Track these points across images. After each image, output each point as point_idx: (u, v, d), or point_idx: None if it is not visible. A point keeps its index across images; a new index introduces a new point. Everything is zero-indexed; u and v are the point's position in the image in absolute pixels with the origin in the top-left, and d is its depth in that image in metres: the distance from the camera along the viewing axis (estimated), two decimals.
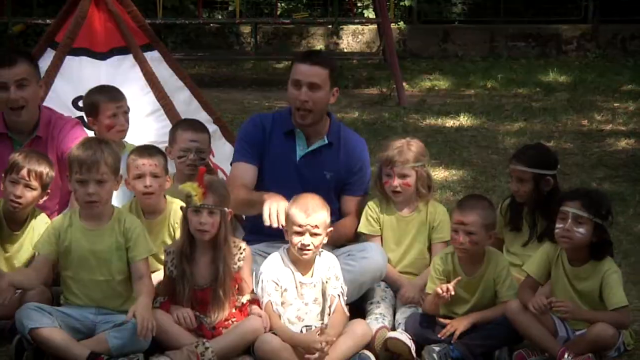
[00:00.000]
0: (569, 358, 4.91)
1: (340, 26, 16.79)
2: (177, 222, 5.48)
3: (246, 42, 17.26)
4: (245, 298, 5.21)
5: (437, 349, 5.08)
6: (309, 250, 5.09)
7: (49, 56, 6.79)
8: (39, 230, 5.52)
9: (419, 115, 11.74)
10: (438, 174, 8.79)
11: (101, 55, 6.83)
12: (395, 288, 5.64)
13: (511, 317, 5.06)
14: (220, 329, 5.11)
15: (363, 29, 17.36)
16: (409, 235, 5.77)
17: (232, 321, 5.14)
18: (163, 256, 5.27)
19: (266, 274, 5.14)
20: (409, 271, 5.75)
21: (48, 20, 12.99)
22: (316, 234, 5.09)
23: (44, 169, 5.49)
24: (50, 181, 5.54)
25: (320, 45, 17.25)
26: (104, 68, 6.82)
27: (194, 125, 6.12)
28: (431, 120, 11.44)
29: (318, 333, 4.97)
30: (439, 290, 5.11)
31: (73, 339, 4.95)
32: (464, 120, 11.34)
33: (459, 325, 5.14)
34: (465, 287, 5.27)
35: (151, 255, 5.53)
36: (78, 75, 6.76)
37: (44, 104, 6.44)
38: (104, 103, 6.12)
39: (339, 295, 5.15)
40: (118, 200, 5.67)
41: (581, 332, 5.05)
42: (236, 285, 5.18)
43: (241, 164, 5.84)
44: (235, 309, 5.17)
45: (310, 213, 5.09)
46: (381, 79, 14.43)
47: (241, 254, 5.21)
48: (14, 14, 14.23)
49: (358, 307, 5.51)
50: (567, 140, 10.30)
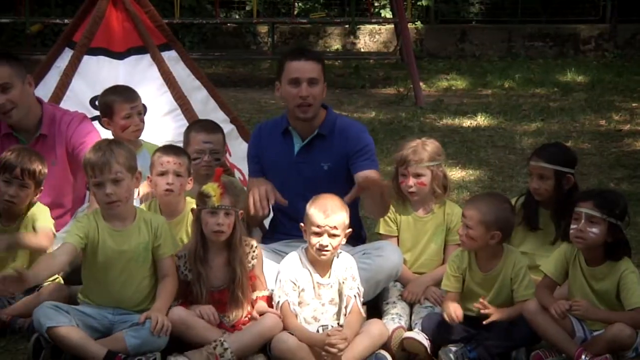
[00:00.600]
0: (587, 358, 4.89)
1: (358, 26, 16.78)
2: None
3: (263, 42, 17.28)
4: (255, 294, 5.22)
5: (454, 349, 5.08)
6: (327, 251, 5.08)
7: (66, 56, 6.81)
8: (35, 217, 5.56)
9: (436, 115, 11.73)
10: (455, 174, 8.78)
11: (119, 55, 6.85)
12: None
13: (529, 318, 5.05)
14: (240, 326, 5.12)
15: (380, 29, 17.35)
16: (425, 236, 5.77)
17: (249, 318, 5.15)
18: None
19: (284, 273, 5.14)
20: (424, 272, 5.74)
21: (66, 20, 13.04)
22: (335, 235, 5.08)
23: (37, 167, 5.52)
24: (44, 178, 5.57)
25: (338, 45, 17.25)
26: (122, 68, 6.84)
27: (207, 127, 6.11)
28: (448, 120, 11.43)
29: (330, 334, 4.96)
30: (447, 317, 5.10)
31: (90, 337, 4.96)
32: (481, 120, 11.32)
33: (496, 314, 5.09)
34: (481, 284, 5.26)
35: None
36: (96, 74, 6.78)
37: (62, 103, 6.47)
38: (118, 104, 6.13)
39: (355, 296, 5.14)
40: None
41: (598, 333, 5.03)
42: (251, 284, 5.19)
43: (251, 179, 5.91)
44: (251, 307, 5.18)
45: (329, 214, 5.08)
46: (398, 78, 14.42)
47: (253, 252, 5.22)
48: (31, 14, 14.28)
49: (375, 307, 5.51)
50: (585, 141, 10.26)
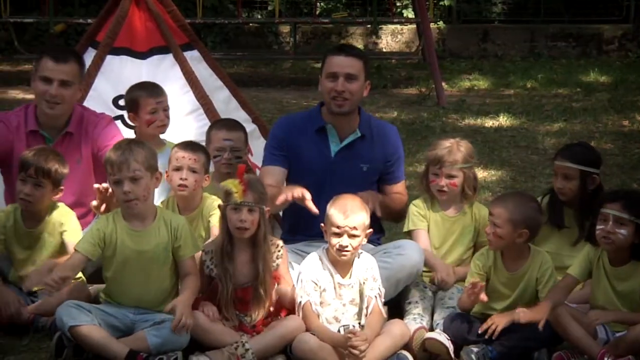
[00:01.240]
0: None
1: (380, 26, 16.79)
2: (212, 214, 5.55)
3: (285, 42, 17.30)
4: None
5: (476, 349, 5.06)
6: (347, 251, 5.08)
7: (90, 55, 6.83)
8: (60, 220, 5.57)
9: (458, 115, 11.71)
10: (477, 174, 8.74)
11: (141, 55, 6.87)
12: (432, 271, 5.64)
13: (551, 318, 5.02)
14: (261, 326, 5.13)
15: (402, 29, 17.34)
16: (452, 235, 5.76)
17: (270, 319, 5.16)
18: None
19: (305, 273, 5.13)
20: None
21: (89, 20, 13.09)
22: (354, 236, 5.08)
23: (52, 166, 5.50)
24: (62, 178, 5.55)
25: (359, 45, 17.24)
26: (144, 67, 6.86)
27: (228, 125, 6.15)
28: (470, 120, 11.41)
29: (351, 334, 4.95)
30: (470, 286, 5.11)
31: (112, 336, 4.98)
32: (504, 121, 11.29)
33: (500, 321, 5.07)
34: (506, 283, 5.24)
35: None
36: (118, 74, 6.80)
37: (85, 102, 6.49)
38: (144, 99, 6.16)
39: (376, 297, 5.13)
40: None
41: (621, 334, 5.00)
42: (275, 284, 5.19)
43: (268, 167, 5.86)
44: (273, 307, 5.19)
45: (349, 214, 5.08)
46: (420, 78, 14.41)
47: (279, 251, 5.23)
48: (55, 14, 14.35)
49: (396, 307, 5.50)
50: (608, 141, 10.22)
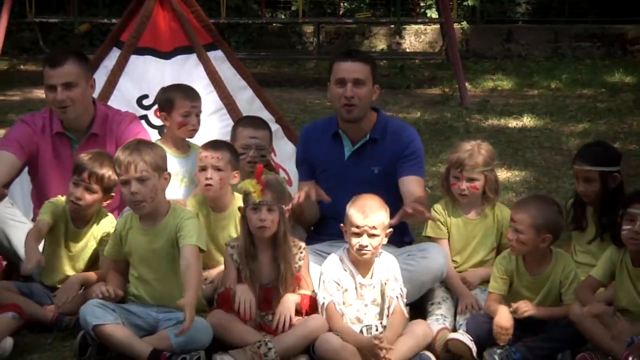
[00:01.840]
0: None
1: (403, 26, 16.76)
2: None
3: (309, 42, 17.30)
4: (302, 292, 5.23)
5: (499, 350, 5.04)
6: (367, 251, 5.07)
7: (114, 55, 6.86)
8: (105, 229, 5.58)
9: (482, 116, 11.68)
10: (500, 175, 8.71)
11: (165, 55, 6.89)
12: (454, 295, 5.60)
13: (575, 320, 5.00)
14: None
15: (426, 29, 17.30)
16: (475, 238, 5.73)
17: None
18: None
19: (327, 274, 5.13)
20: None
21: (113, 20, 13.15)
22: (374, 235, 5.07)
23: (105, 172, 5.47)
24: (114, 185, 5.53)
25: (383, 45, 17.23)
26: (168, 67, 6.87)
27: (254, 122, 6.16)
28: (494, 121, 11.37)
29: (377, 340, 4.94)
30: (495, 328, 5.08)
31: (135, 335, 4.99)
32: (527, 121, 11.25)
33: (530, 308, 5.05)
34: (529, 287, 5.22)
35: (215, 249, 5.59)
36: (142, 74, 6.82)
37: (109, 102, 6.52)
38: (180, 100, 6.15)
39: (397, 297, 5.12)
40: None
41: None
42: (297, 285, 5.20)
43: (301, 183, 5.93)
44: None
45: (368, 214, 5.06)
46: (443, 79, 14.38)
47: (301, 252, 5.23)
48: (80, 14, 14.41)
49: (419, 308, 5.49)
50: (633, 142, 10.17)
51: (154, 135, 6.40)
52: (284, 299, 5.11)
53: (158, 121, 6.69)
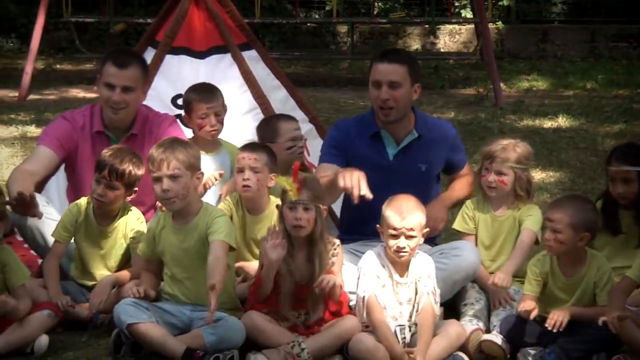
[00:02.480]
0: None
1: (437, 26, 16.72)
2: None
3: (343, 42, 17.29)
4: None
5: (533, 352, 5.02)
6: (405, 252, 5.05)
7: (149, 55, 6.88)
8: (131, 225, 5.60)
9: (516, 116, 11.62)
10: (535, 175, 8.68)
11: (200, 54, 6.91)
12: (486, 290, 5.57)
13: (614, 323, 4.95)
14: (315, 327, 5.12)
15: (460, 29, 17.26)
16: (501, 236, 5.71)
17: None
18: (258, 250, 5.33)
19: (367, 268, 5.11)
20: None
21: (149, 20, 13.21)
22: (411, 237, 5.05)
23: (126, 168, 5.48)
24: (136, 180, 5.55)
25: (417, 45, 17.20)
26: (203, 67, 6.89)
27: (289, 117, 6.24)
28: (528, 121, 11.32)
29: (410, 356, 4.93)
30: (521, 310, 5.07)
31: (169, 334, 5.01)
32: (562, 122, 11.18)
33: (563, 316, 5.01)
34: (564, 289, 5.19)
35: (247, 252, 5.61)
36: (177, 73, 6.84)
37: (144, 101, 6.54)
38: (196, 102, 6.17)
39: (428, 293, 5.09)
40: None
41: None
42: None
43: (324, 164, 5.84)
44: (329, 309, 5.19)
45: (405, 216, 5.04)
46: (478, 79, 14.33)
47: (335, 249, 5.22)
48: (115, 14, 14.49)
49: (452, 308, 5.48)
50: None
51: (189, 134, 6.42)
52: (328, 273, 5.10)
53: None
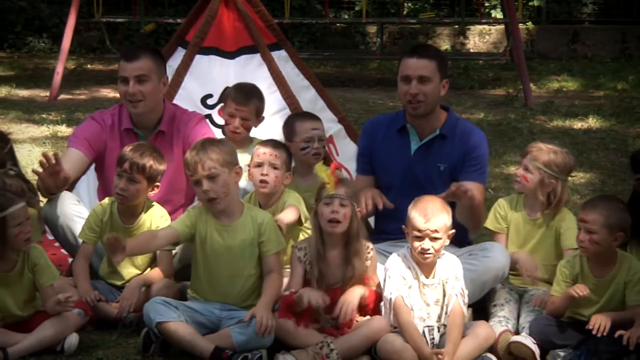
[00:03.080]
0: None
1: (467, 26, 16.67)
2: (286, 201, 5.57)
3: (372, 42, 17.28)
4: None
5: (562, 354, 5.00)
6: (430, 254, 5.04)
7: (179, 55, 6.92)
8: (156, 222, 5.62)
9: (546, 117, 11.58)
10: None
11: (230, 54, 6.92)
12: (512, 264, 5.55)
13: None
14: (345, 328, 5.12)
15: (490, 29, 17.20)
16: (533, 238, 5.69)
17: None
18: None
19: (393, 269, 5.10)
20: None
21: (179, 20, 13.27)
22: (436, 238, 5.03)
23: (147, 162, 5.51)
24: (158, 174, 5.58)
25: (446, 46, 17.15)
26: (232, 67, 6.91)
27: (311, 115, 6.19)
28: (558, 122, 11.27)
29: (438, 357, 4.93)
30: (573, 292, 5.01)
31: (198, 333, 5.03)
32: (593, 123, 11.13)
33: (606, 320, 4.97)
34: (594, 289, 5.15)
35: None
36: (207, 73, 6.87)
37: (174, 101, 6.57)
38: (228, 99, 6.21)
39: (457, 295, 5.08)
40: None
41: None
42: (364, 285, 5.19)
43: (359, 176, 5.99)
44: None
45: (430, 217, 5.02)
46: (508, 79, 14.29)
47: (368, 253, 5.22)
48: (146, 14, 14.55)
49: (482, 310, 5.46)
50: None
51: (218, 134, 6.44)
52: (350, 290, 5.09)
53: (222, 120, 6.73)
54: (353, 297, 5.10)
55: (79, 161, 5.96)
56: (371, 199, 5.58)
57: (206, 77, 6.88)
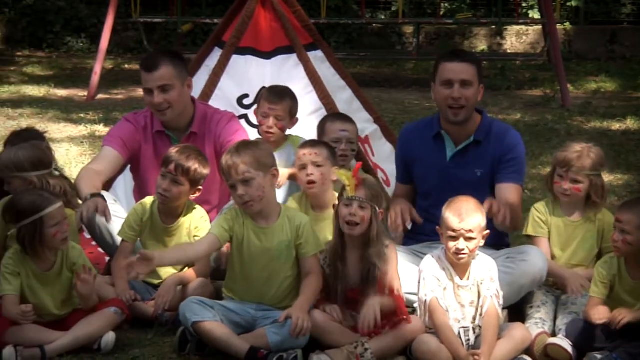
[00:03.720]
0: None
1: (504, 27, 16.60)
2: None
3: (408, 42, 17.25)
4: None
5: (599, 356, 4.96)
6: (464, 254, 5.02)
7: (216, 55, 6.94)
8: (195, 223, 5.63)
9: (584, 118, 11.51)
10: (603, 178, 8.57)
11: (266, 55, 6.93)
12: (559, 282, 5.53)
13: None
14: (378, 330, 5.08)
15: (527, 30, 17.12)
16: (575, 240, 5.65)
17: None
18: None
19: (427, 271, 5.09)
20: None
21: (216, 20, 13.32)
22: (471, 238, 5.01)
23: (192, 165, 5.52)
24: (201, 178, 5.59)
25: (483, 46, 17.10)
26: (269, 67, 6.92)
27: (342, 116, 6.23)
28: (596, 123, 11.20)
29: (475, 356, 4.91)
30: (592, 318, 5.01)
31: (234, 333, 5.04)
32: (631, 124, 11.05)
33: (625, 316, 4.95)
34: (631, 292, 5.12)
35: None
36: (243, 74, 6.88)
37: (210, 101, 6.60)
38: (262, 99, 6.23)
39: (492, 297, 5.05)
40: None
41: None
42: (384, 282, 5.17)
43: (398, 184, 5.99)
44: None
45: (464, 217, 5.01)
46: (545, 80, 14.21)
47: (387, 249, 5.19)
48: (183, 14, 14.63)
49: (518, 311, 5.43)
50: None
51: (254, 134, 6.45)
52: (368, 302, 5.04)
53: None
54: (372, 310, 5.01)
55: (115, 160, 5.99)
56: (400, 217, 5.56)
57: (242, 77, 6.89)
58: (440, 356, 4.93)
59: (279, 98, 6.20)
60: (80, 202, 5.67)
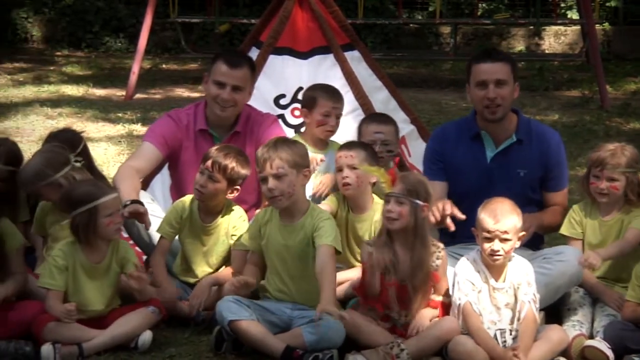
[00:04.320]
0: None
1: (542, 27, 16.52)
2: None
3: (445, 43, 17.22)
4: (432, 297, 5.19)
5: (637, 359, 4.93)
6: (499, 255, 5.00)
7: (253, 55, 6.95)
8: (234, 223, 5.65)
9: (622, 119, 11.42)
10: None
11: (303, 55, 6.95)
12: (593, 294, 5.50)
13: None
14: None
15: (565, 30, 17.03)
16: (609, 239, 5.60)
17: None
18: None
19: (461, 274, 5.09)
20: (608, 277, 5.58)
21: (253, 20, 13.36)
22: (506, 240, 4.99)
23: (229, 163, 5.53)
24: (239, 178, 5.59)
25: (521, 46, 17.02)
26: (306, 67, 6.94)
27: (379, 118, 6.21)
28: (635, 124, 11.11)
29: (512, 353, 4.89)
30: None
31: (270, 332, 5.05)
32: None
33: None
34: None
35: (347, 248, 5.61)
36: (280, 74, 6.90)
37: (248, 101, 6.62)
38: (322, 99, 6.23)
39: (529, 302, 5.03)
40: None
41: None
42: (433, 285, 5.17)
43: (431, 182, 5.86)
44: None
45: (500, 218, 4.99)
46: (583, 81, 14.13)
47: (439, 252, 5.19)
48: (220, 14, 14.68)
49: (555, 313, 5.40)
50: None
51: (290, 134, 6.47)
52: (420, 313, 5.08)
53: (294, 120, 6.77)
54: (424, 322, 5.07)
55: (154, 157, 6.00)
56: (442, 209, 5.41)
57: (279, 77, 6.91)
58: (477, 357, 4.91)
59: (340, 96, 6.30)
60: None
